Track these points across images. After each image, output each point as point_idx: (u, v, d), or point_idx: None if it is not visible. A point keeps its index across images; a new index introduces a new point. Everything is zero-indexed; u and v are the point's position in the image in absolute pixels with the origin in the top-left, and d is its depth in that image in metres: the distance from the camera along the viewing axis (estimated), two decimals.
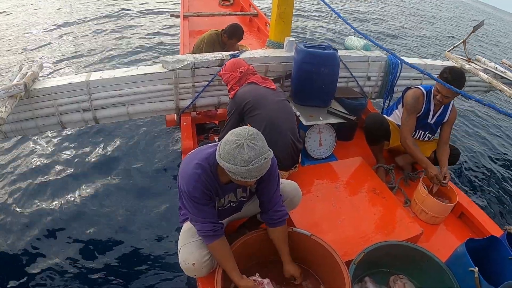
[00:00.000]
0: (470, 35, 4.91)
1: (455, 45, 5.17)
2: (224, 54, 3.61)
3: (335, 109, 3.66)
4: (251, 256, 2.38)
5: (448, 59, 5.05)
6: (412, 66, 2.85)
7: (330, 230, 2.67)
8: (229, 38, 4.77)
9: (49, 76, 5.95)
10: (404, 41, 11.70)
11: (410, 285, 2.47)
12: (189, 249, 2.19)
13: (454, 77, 3.01)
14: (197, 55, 3.54)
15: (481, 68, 4.77)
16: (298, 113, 3.59)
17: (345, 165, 3.47)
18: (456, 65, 4.76)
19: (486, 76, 4.44)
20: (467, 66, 4.66)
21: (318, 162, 3.64)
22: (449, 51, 5.15)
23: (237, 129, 1.82)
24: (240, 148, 1.73)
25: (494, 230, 2.97)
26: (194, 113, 3.90)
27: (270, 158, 1.84)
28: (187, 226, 2.32)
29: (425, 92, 3.32)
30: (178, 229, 2.45)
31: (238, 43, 4.98)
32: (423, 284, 2.44)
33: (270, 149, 1.87)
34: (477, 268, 2.10)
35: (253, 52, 3.82)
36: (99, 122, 3.41)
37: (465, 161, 5.40)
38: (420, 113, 3.36)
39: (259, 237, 2.33)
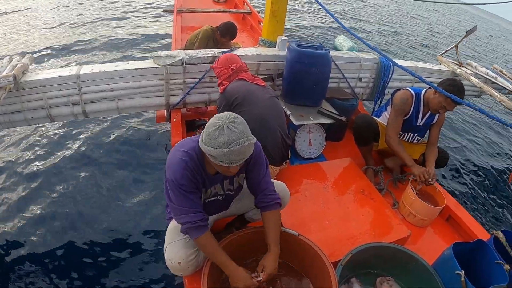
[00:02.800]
0: (462, 39, 4.94)
1: (447, 49, 5.20)
2: (216, 51, 3.59)
3: (326, 110, 3.66)
4: (238, 255, 2.36)
5: (440, 63, 5.08)
6: (403, 68, 2.85)
7: (318, 230, 2.67)
8: (222, 36, 4.76)
9: (40, 68, 5.86)
10: (397, 44, 11.74)
11: (396, 287, 2.47)
12: (175, 247, 2.17)
13: (461, 94, 3.04)
14: (189, 52, 3.51)
15: (472, 72, 4.80)
16: (288, 112, 3.59)
17: (334, 166, 3.47)
18: (448, 69, 4.79)
19: (477, 81, 4.47)
20: (458, 71, 4.69)
21: (307, 162, 3.64)
22: (441, 55, 5.17)
23: (220, 113, 1.82)
24: (220, 130, 1.73)
25: (481, 234, 2.98)
26: (184, 109, 3.87)
27: (250, 142, 1.81)
28: (173, 224, 2.29)
29: (414, 94, 3.32)
30: (166, 227, 2.43)
31: (231, 41, 4.97)
32: (409, 286, 2.44)
33: (254, 137, 1.85)
34: (463, 272, 2.11)
35: (245, 50, 3.81)
36: (88, 116, 3.37)
37: (454, 165, 5.43)
38: (409, 115, 3.37)
39: (246, 236, 2.32)
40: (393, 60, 3.77)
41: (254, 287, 2.02)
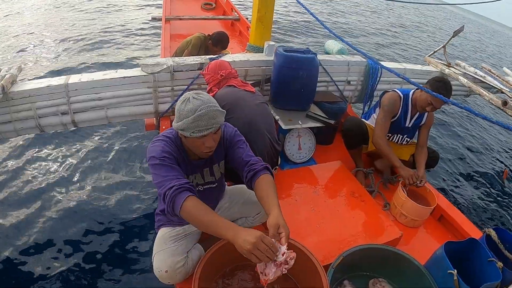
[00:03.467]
0: (450, 40, 4.98)
1: (435, 50, 5.24)
2: (204, 58, 3.59)
3: (314, 113, 3.66)
4: (227, 261, 2.35)
5: (428, 64, 5.11)
6: (391, 70, 2.87)
7: (308, 234, 2.67)
8: (214, 45, 4.78)
9: (28, 79, 5.83)
10: (385, 46, 11.82)
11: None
12: (162, 256, 2.17)
13: (448, 92, 3.11)
14: (177, 59, 3.51)
15: (461, 72, 4.83)
16: (277, 117, 3.59)
17: (324, 169, 3.47)
18: (436, 70, 4.82)
19: (465, 80, 4.50)
20: (447, 71, 4.72)
21: (297, 166, 3.64)
22: (429, 56, 5.21)
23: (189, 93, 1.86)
24: (186, 102, 1.78)
25: (474, 232, 2.99)
26: (173, 117, 3.85)
27: (217, 108, 1.82)
28: (161, 232, 2.29)
29: (402, 95, 3.34)
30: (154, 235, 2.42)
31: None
32: (402, 287, 2.44)
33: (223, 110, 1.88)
34: (456, 271, 2.11)
35: (233, 56, 3.82)
36: (78, 125, 3.35)
37: (445, 164, 5.46)
38: (397, 117, 3.39)
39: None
40: (381, 62, 3.81)
41: (267, 240, 1.65)
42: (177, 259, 2.15)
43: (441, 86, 3.07)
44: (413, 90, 3.39)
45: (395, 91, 3.39)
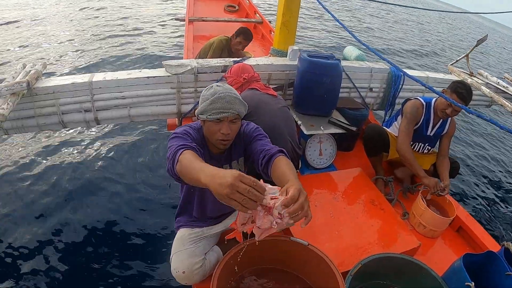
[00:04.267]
0: (473, 49, 4.92)
1: (458, 59, 5.19)
2: (227, 61, 3.61)
3: (336, 119, 3.66)
4: (245, 264, 2.37)
5: (450, 73, 5.07)
6: (413, 78, 2.85)
7: (327, 241, 2.67)
8: (237, 35, 4.77)
9: (53, 75, 5.94)
10: (407, 53, 11.72)
11: None
12: (180, 257, 2.20)
13: (468, 93, 3.09)
14: (201, 60, 3.54)
15: (483, 82, 4.79)
16: (299, 122, 3.60)
17: (344, 176, 3.46)
18: (458, 79, 4.77)
19: (488, 90, 4.45)
20: (469, 80, 4.67)
21: (317, 171, 3.64)
22: (451, 64, 5.17)
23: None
24: (210, 88, 1.91)
25: (492, 245, 2.96)
26: (195, 118, 3.89)
27: (237, 96, 1.89)
28: (180, 233, 2.33)
29: (424, 103, 3.33)
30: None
31: (244, 50, 5.01)
32: None
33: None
34: (473, 283, 2.09)
35: (256, 59, 3.83)
36: (100, 123, 3.40)
37: (465, 175, 5.40)
38: (419, 124, 3.37)
39: (254, 245, 2.32)
40: (404, 70, 3.79)
41: (247, 179, 1.26)
42: (195, 261, 2.19)
43: (459, 86, 3.10)
44: (435, 98, 3.37)
45: (417, 98, 3.38)
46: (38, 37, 8.10)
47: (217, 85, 1.90)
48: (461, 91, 3.06)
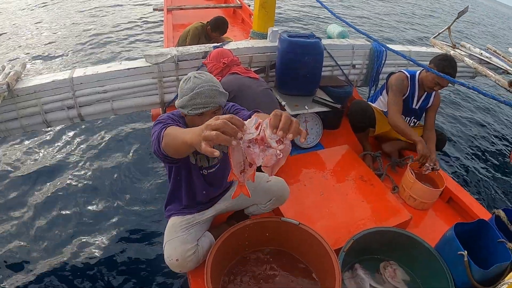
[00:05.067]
0: (454, 21, 4.92)
1: (440, 32, 5.19)
2: (207, 46, 3.57)
3: (320, 98, 3.65)
4: (238, 247, 2.37)
5: (433, 46, 5.06)
6: (396, 52, 2.86)
7: (318, 219, 2.68)
8: (212, 30, 4.76)
9: (33, 74, 5.82)
10: (389, 28, 11.66)
11: (401, 271, 2.48)
12: (172, 245, 2.19)
13: (455, 71, 3.11)
14: (181, 48, 3.49)
15: (466, 54, 4.79)
16: (283, 103, 3.59)
17: (332, 154, 3.48)
18: (441, 52, 4.78)
19: (471, 61, 4.45)
20: (452, 52, 4.67)
21: (305, 151, 3.63)
22: (434, 37, 5.17)
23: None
24: (187, 80, 1.82)
25: (482, 213, 2.99)
26: None
27: (217, 88, 1.82)
28: (171, 222, 2.31)
29: (409, 75, 3.33)
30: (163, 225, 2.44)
31: (223, 36, 4.96)
32: (413, 269, 2.45)
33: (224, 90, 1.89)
34: (466, 252, 2.11)
35: (236, 43, 3.79)
36: (84, 119, 3.35)
37: (452, 146, 5.42)
38: (405, 96, 3.36)
39: (248, 228, 2.33)
40: (386, 44, 3.79)
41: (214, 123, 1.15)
42: (188, 247, 2.17)
43: (446, 65, 3.07)
44: (419, 71, 3.37)
45: (401, 71, 3.37)
46: (15, 38, 7.93)
47: (195, 77, 1.81)
48: (449, 71, 3.04)
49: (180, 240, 2.19)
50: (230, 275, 2.21)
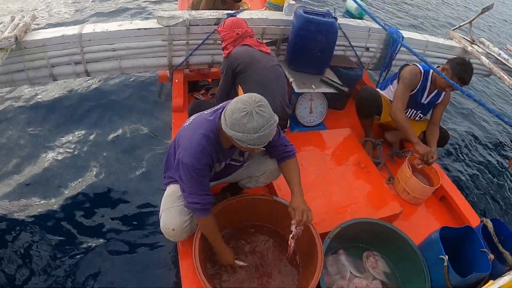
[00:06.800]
0: (477, 16, 4.79)
1: (461, 25, 5.06)
2: (221, 13, 3.51)
3: (329, 78, 3.61)
4: (229, 220, 2.44)
5: (451, 38, 4.94)
6: (410, 50, 2.82)
7: (310, 200, 2.63)
8: None
9: (42, 27, 5.66)
10: (409, 15, 11.14)
11: (382, 262, 2.54)
12: (170, 214, 2.22)
13: (470, 78, 3.09)
14: (193, 12, 3.44)
15: (484, 51, 4.67)
16: (291, 79, 3.56)
17: (333, 135, 3.48)
18: (459, 46, 4.67)
19: (487, 61, 4.34)
20: (469, 48, 4.56)
21: (307, 129, 3.65)
22: (453, 29, 5.03)
23: (243, 97, 1.80)
24: (249, 116, 1.73)
25: (472, 217, 3.02)
26: (187, 70, 3.86)
27: (275, 121, 1.83)
28: (170, 190, 2.33)
29: (423, 70, 3.26)
30: (161, 191, 2.46)
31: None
32: (395, 263, 2.51)
33: (275, 113, 1.86)
34: (447, 257, 2.14)
35: (251, 13, 3.72)
36: (90, 75, 3.37)
37: (454, 145, 5.32)
38: (415, 91, 3.32)
39: (242, 202, 2.40)
40: (403, 32, 3.74)
41: (235, 268, 2.25)
42: (185, 218, 2.21)
43: (462, 70, 3.01)
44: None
45: (416, 65, 3.30)
46: None
47: (257, 113, 1.74)
48: (464, 77, 3.02)
49: (177, 210, 2.22)
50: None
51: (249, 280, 2.30)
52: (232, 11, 3.59)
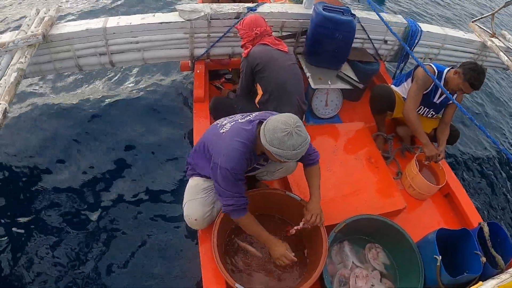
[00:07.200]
0: (500, 9, 4.74)
1: (482, 16, 5.02)
2: (241, 7, 3.60)
3: (345, 74, 3.70)
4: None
5: (471, 31, 4.90)
6: (420, 63, 2.89)
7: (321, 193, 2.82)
8: None
9: (66, 18, 5.69)
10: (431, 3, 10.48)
11: (383, 255, 2.72)
12: (194, 205, 2.46)
13: (481, 84, 3.12)
14: (214, 6, 3.53)
15: (504, 46, 4.63)
16: (308, 74, 3.66)
17: (346, 129, 3.64)
18: (478, 40, 4.65)
19: (506, 58, 4.29)
20: (489, 43, 4.54)
21: (322, 122, 3.79)
22: (474, 21, 4.99)
23: (283, 117, 2.01)
24: (290, 136, 1.94)
25: (474, 217, 3.11)
26: (207, 60, 3.98)
27: (308, 142, 2.04)
28: (193, 182, 2.53)
29: (437, 71, 3.31)
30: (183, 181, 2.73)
31: None
32: (394, 256, 2.68)
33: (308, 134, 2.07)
34: (440, 257, 2.29)
35: (271, 6, 3.77)
36: (115, 65, 3.52)
37: (464, 143, 5.21)
38: (427, 90, 3.39)
39: (257, 195, 2.61)
40: (422, 24, 3.76)
41: (290, 259, 2.31)
42: (206, 210, 2.46)
43: (474, 76, 3.05)
44: (448, 68, 3.34)
45: (430, 65, 3.35)
46: None
47: (296, 133, 1.95)
48: (475, 83, 3.07)
49: (200, 202, 2.46)
50: (234, 233, 2.63)
51: (259, 267, 2.56)
52: (252, 5, 3.67)
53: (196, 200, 2.46)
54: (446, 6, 10.03)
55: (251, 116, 2.27)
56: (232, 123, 2.26)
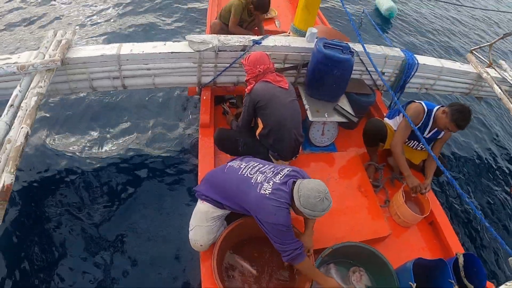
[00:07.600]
0: (498, 40, 4.92)
1: (481, 46, 5.19)
2: (247, 39, 3.85)
3: (341, 107, 3.91)
4: (242, 235, 2.96)
5: (468, 62, 5.07)
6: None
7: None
8: (256, 9, 4.97)
9: (82, 41, 6.07)
10: (429, 33, 10.37)
11: (366, 278, 2.96)
12: (201, 232, 2.73)
13: (466, 122, 3.32)
14: (222, 38, 3.78)
15: (499, 77, 4.85)
16: (306, 106, 3.90)
17: (339, 158, 3.91)
18: (474, 71, 4.83)
19: (499, 91, 4.51)
20: (484, 75, 4.75)
21: (318, 150, 4.01)
22: (473, 50, 5.16)
23: (315, 185, 2.43)
24: (321, 201, 2.38)
25: (455, 246, 3.30)
26: (214, 87, 4.19)
27: (331, 203, 2.45)
28: (204, 207, 2.76)
29: (426, 110, 3.52)
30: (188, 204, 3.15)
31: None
32: (377, 280, 2.92)
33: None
34: (415, 284, 2.53)
35: (275, 39, 4.02)
36: (127, 88, 3.77)
37: (455, 167, 5.41)
38: (417, 127, 3.52)
39: (248, 222, 2.80)
40: (418, 56, 3.96)
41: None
42: (211, 237, 2.75)
43: (460, 118, 3.27)
44: (437, 107, 3.55)
45: (421, 103, 3.57)
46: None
47: (326, 199, 2.39)
48: (461, 124, 3.28)
49: (207, 230, 2.73)
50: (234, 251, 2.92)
51: (256, 284, 2.83)
52: (257, 38, 3.93)
53: (204, 228, 2.72)
54: (448, 35, 10.06)
55: (282, 173, 2.61)
56: (270, 183, 2.53)
